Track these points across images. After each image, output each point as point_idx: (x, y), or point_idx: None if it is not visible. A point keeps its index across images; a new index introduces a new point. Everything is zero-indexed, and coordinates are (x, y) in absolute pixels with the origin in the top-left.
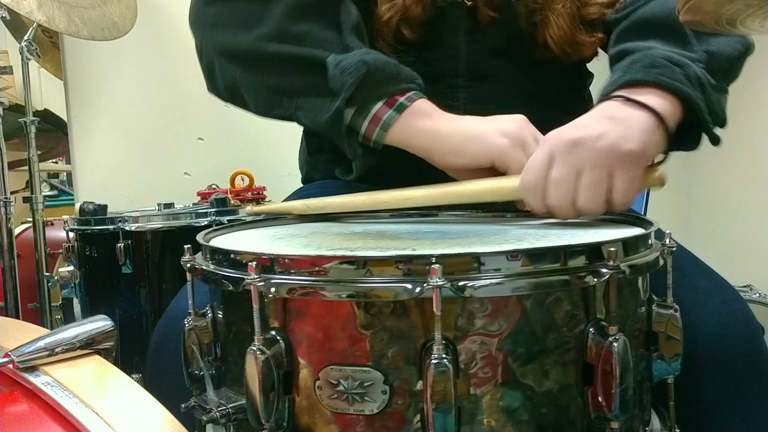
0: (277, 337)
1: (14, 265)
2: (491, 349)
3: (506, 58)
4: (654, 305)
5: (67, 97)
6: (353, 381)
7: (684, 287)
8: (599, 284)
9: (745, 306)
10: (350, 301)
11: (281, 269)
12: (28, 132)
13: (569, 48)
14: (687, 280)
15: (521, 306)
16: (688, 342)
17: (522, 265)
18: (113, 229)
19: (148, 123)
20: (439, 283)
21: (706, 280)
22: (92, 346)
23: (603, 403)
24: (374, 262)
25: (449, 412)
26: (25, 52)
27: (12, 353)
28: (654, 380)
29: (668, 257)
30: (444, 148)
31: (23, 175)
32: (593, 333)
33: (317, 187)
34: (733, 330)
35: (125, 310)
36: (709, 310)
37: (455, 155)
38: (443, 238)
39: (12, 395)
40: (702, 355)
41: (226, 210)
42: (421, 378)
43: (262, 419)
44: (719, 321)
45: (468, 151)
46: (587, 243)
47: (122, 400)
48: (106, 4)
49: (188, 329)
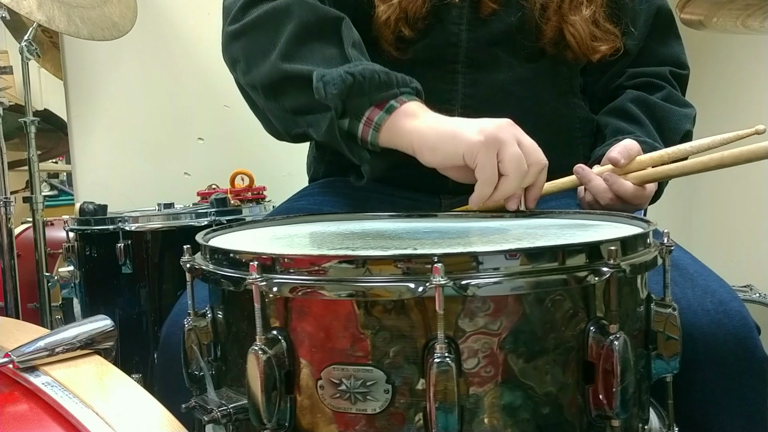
0: (279, 337)
1: (14, 265)
2: (493, 348)
3: (505, 46)
4: (653, 304)
5: (67, 97)
6: (355, 380)
7: (679, 286)
8: (599, 283)
9: (740, 305)
10: (351, 300)
11: (282, 269)
12: (28, 132)
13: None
14: (682, 279)
15: (522, 305)
16: (683, 340)
17: (521, 264)
18: (113, 229)
19: (148, 123)
20: (441, 282)
21: (702, 279)
22: (92, 346)
23: (604, 401)
24: (375, 262)
25: (452, 411)
26: (25, 52)
27: (12, 353)
28: (653, 379)
29: (667, 256)
30: (424, 146)
31: (23, 175)
32: (594, 332)
33: (323, 186)
34: (727, 329)
35: (125, 310)
36: (703, 309)
37: (432, 152)
38: (443, 237)
39: (12, 395)
40: (696, 353)
41: (226, 210)
42: (423, 377)
43: (264, 419)
44: (714, 320)
45: (442, 149)
46: (587, 242)
47: (122, 400)
48: (106, 4)
49: (188, 329)
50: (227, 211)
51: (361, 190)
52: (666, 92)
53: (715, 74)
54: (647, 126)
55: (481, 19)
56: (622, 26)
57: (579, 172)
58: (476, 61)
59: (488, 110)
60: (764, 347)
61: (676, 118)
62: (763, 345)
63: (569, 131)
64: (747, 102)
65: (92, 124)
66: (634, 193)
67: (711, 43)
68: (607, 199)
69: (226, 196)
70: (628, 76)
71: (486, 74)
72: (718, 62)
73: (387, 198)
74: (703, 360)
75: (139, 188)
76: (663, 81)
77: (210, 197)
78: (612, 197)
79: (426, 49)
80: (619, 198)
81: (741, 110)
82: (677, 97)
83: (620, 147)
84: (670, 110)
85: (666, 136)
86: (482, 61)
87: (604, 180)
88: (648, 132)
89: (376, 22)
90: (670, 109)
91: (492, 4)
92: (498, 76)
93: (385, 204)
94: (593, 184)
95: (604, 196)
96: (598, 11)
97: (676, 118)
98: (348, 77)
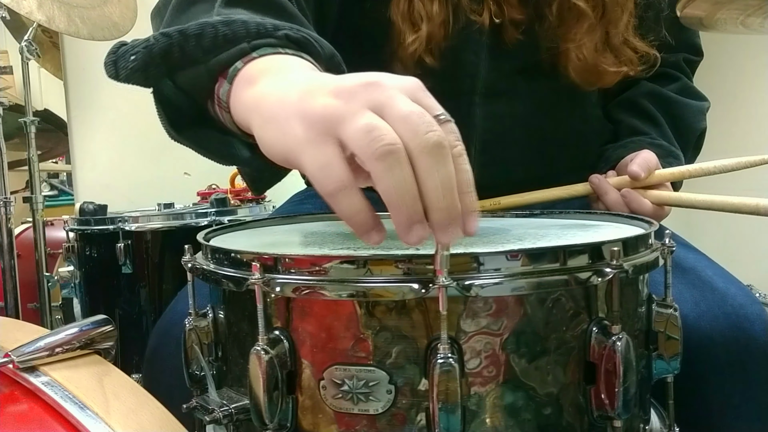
0: (281, 337)
1: (14, 265)
2: (495, 349)
3: (525, 76)
4: (654, 304)
5: (67, 97)
6: (358, 380)
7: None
8: (601, 284)
9: (760, 309)
10: (353, 300)
11: (284, 269)
12: (28, 132)
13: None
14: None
15: (524, 305)
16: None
17: (522, 265)
18: (113, 229)
19: (148, 123)
20: (445, 283)
21: (722, 281)
22: (92, 346)
23: (606, 401)
24: (376, 262)
25: (455, 412)
26: (25, 52)
27: (12, 353)
28: (654, 379)
29: (668, 257)
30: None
31: (23, 175)
32: (596, 332)
33: None
34: (748, 333)
35: (125, 310)
36: (724, 313)
37: (260, 142)
38: None
39: (12, 395)
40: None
41: (226, 210)
42: (425, 377)
43: (266, 419)
44: (733, 324)
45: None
46: (588, 243)
47: (122, 400)
48: (106, 4)
49: (189, 329)
50: (227, 211)
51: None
52: (681, 84)
53: (715, 74)
54: (663, 126)
55: (501, 49)
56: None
57: (595, 182)
58: (494, 90)
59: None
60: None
61: (691, 114)
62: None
63: (588, 146)
64: (747, 102)
65: (92, 124)
66: (652, 213)
67: (711, 43)
68: None
69: (226, 196)
70: None
71: (504, 105)
72: (718, 62)
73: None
74: (723, 364)
75: (139, 188)
76: (677, 70)
77: (210, 197)
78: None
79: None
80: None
81: (741, 110)
82: (692, 89)
83: (640, 159)
84: (686, 106)
85: (682, 134)
86: (500, 91)
87: (622, 196)
88: (664, 132)
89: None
90: (686, 105)
91: (517, 34)
92: (517, 105)
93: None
94: (609, 198)
95: (620, 211)
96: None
97: (692, 115)
98: (161, 40)
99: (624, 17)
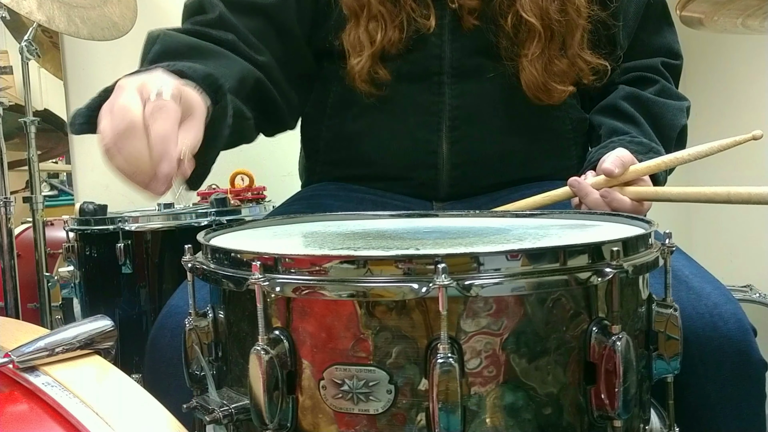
0: (281, 337)
1: (14, 265)
2: (495, 349)
3: (489, 55)
4: (654, 305)
5: (67, 97)
6: (358, 380)
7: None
8: (601, 284)
9: (735, 307)
10: (353, 300)
11: (284, 269)
12: (28, 132)
13: (541, 94)
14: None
15: (524, 305)
16: None
17: (522, 265)
18: (113, 229)
19: None
20: (445, 283)
21: (697, 281)
22: (92, 346)
23: (606, 401)
24: (376, 262)
25: (455, 412)
26: (25, 52)
27: (12, 353)
28: (654, 379)
29: (668, 257)
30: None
31: (23, 175)
32: (596, 332)
33: (315, 189)
34: (722, 332)
35: (125, 310)
36: (697, 313)
37: None
38: (444, 237)
39: (12, 395)
40: (691, 357)
41: (226, 210)
42: (425, 377)
43: (266, 419)
44: (708, 323)
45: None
46: (588, 243)
47: (122, 400)
48: (106, 4)
49: (189, 329)
50: (227, 211)
51: (355, 193)
52: (659, 86)
53: (715, 74)
54: (643, 125)
55: (463, 32)
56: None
57: (574, 185)
58: (461, 70)
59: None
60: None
61: (671, 112)
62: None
63: (562, 133)
64: (747, 102)
65: None
66: (632, 209)
67: (711, 43)
68: None
69: (226, 196)
70: (620, 71)
71: (473, 84)
72: (718, 62)
73: (379, 200)
74: (698, 364)
75: None
76: (655, 74)
77: (210, 197)
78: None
79: (408, 63)
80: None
81: (741, 110)
82: (670, 91)
83: (612, 157)
84: (665, 105)
85: (662, 132)
86: (468, 70)
87: (601, 196)
88: (644, 131)
89: (350, 73)
90: (664, 104)
91: (473, 20)
92: (485, 84)
93: (378, 207)
94: (590, 199)
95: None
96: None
97: (671, 113)
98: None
99: (577, 35)
